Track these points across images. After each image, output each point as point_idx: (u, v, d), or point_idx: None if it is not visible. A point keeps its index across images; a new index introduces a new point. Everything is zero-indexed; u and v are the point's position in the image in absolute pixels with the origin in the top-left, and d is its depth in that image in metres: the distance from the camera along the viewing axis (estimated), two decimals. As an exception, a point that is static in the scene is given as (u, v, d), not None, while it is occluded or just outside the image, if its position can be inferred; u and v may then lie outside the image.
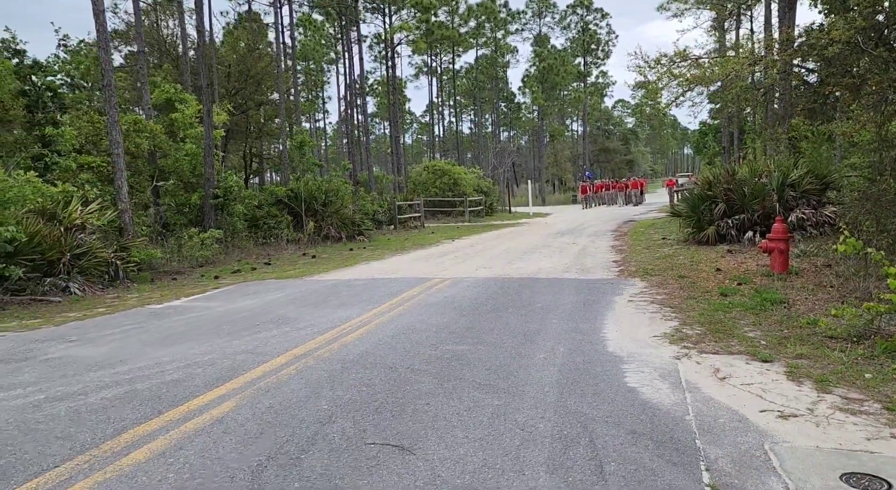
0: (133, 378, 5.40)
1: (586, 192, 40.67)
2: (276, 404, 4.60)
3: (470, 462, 3.56)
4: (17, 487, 3.43)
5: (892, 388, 4.50)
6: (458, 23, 47.16)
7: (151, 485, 3.41)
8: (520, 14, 58.35)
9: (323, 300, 8.97)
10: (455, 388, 4.88)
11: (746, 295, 7.90)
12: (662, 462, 3.50)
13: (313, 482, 3.38)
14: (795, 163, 12.99)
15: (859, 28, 7.30)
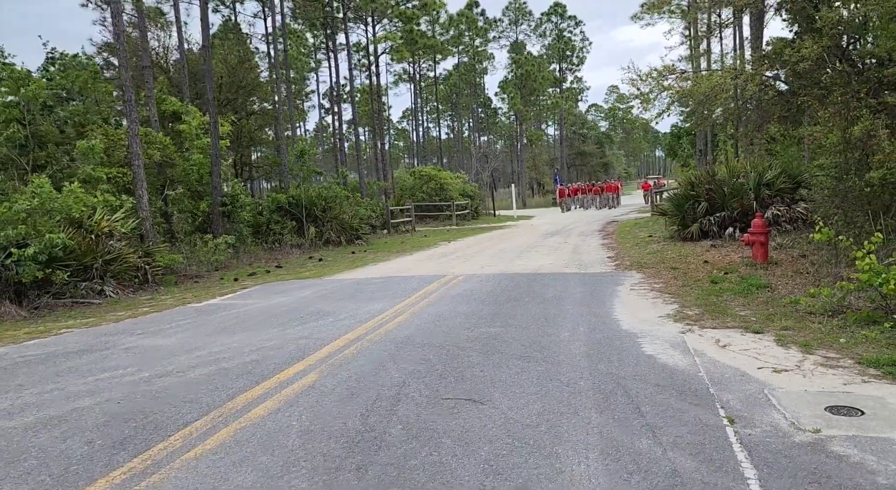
0: (216, 359, 6.19)
1: (563, 196, 40.96)
2: (352, 375, 5.44)
3: (532, 408, 4.44)
4: (175, 433, 4.24)
5: (862, 349, 5.49)
6: (438, 32, 48.22)
7: (282, 429, 4.24)
8: (497, 22, 59.65)
9: (351, 296, 9.81)
10: (500, 360, 5.76)
11: (734, 282, 8.93)
12: (686, 404, 4.43)
13: (411, 424, 4.24)
14: (770, 164, 14.17)
15: (825, 46, 8.37)
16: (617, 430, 4.00)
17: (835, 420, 4.02)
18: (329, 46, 40.22)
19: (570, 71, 68.05)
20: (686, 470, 3.40)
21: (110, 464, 3.83)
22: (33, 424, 4.60)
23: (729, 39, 27.29)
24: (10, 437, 4.39)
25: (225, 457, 3.84)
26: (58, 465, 3.87)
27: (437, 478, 3.43)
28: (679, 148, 50.15)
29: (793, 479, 3.24)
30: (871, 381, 4.74)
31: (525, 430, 4.06)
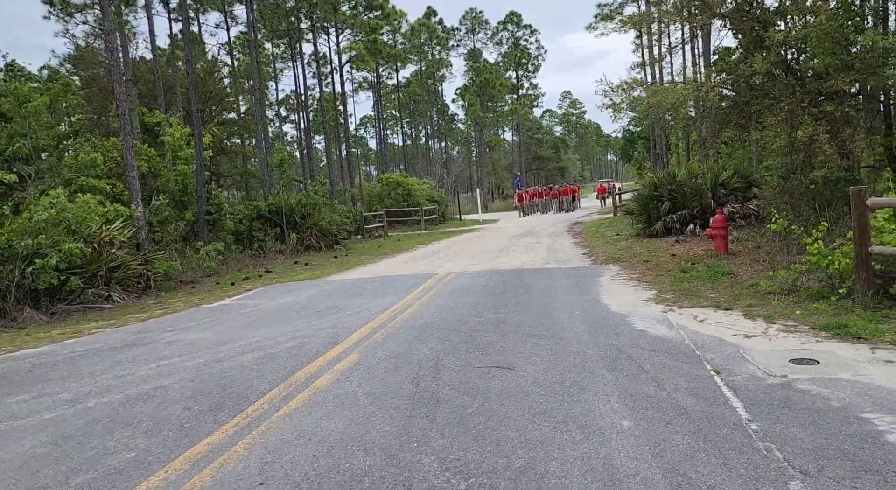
0: (259, 347, 6.93)
1: (522, 200, 40.65)
2: (389, 354, 6.27)
3: (554, 371, 5.36)
4: (258, 399, 5.01)
5: (814, 318, 6.59)
6: (400, 41, 49.16)
7: (348, 395, 5.05)
8: (454, 31, 60.93)
9: (356, 293, 10.59)
10: (513, 338, 6.67)
11: (701, 271, 10.06)
12: (678, 362, 5.42)
13: (456, 386, 5.10)
14: (724, 166, 15.52)
15: (774, 62, 9.58)
16: (627, 382, 4.95)
17: (797, 368, 5.05)
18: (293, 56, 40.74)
19: (526, 78, 69.88)
20: (688, 405, 4.36)
21: (217, 421, 4.60)
22: (126, 400, 5.30)
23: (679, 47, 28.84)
24: (113, 407, 5.09)
25: (312, 413, 4.64)
26: (170, 424, 4.61)
27: (494, 418, 4.31)
28: (634, 151, 52.21)
29: (769, 407, 4.23)
30: (823, 340, 5.82)
31: (553, 385, 4.97)
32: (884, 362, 5.01)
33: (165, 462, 3.93)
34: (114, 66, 13.17)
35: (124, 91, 13.53)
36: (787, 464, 3.36)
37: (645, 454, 3.60)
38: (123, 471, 3.85)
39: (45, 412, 5.12)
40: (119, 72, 13.30)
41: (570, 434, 3.96)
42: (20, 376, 6.45)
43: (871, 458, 3.38)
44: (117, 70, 13.34)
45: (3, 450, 4.35)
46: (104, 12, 13.17)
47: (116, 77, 13.25)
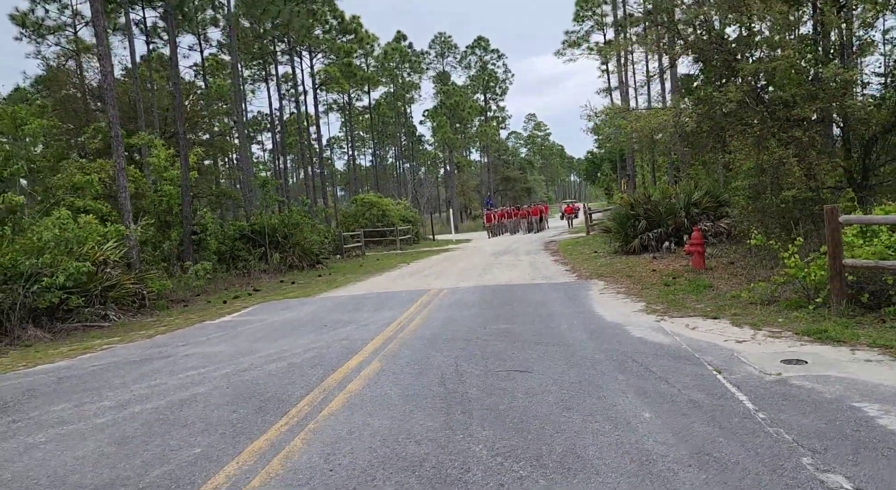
0: (280, 358, 7.25)
1: (491, 221, 40.12)
2: (409, 361, 6.66)
3: (570, 374, 5.83)
4: (299, 401, 5.36)
5: (795, 325, 7.21)
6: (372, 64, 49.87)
7: (383, 397, 5.42)
8: (424, 54, 62.00)
9: (356, 308, 10.94)
10: (522, 346, 7.13)
11: (683, 284, 10.71)
12: (681, 364, 5.95)
13: (482, 387, 5.53)
14: (695, 186, 16.37)
15: (746, 91, 10.38)
16: (639, 381, 5.45)
17: (789, 367, 5.62)
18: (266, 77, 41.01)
19: (494, 101, 71.31)
20: (699, 399, 4.87)
21: (265, 422, 4.93)
22: (170, 405, 5.58)
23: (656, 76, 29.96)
24: (160, 412, 5.38)
25: (355, 412, 5.02)
26: (223, 425, 4.93)
27: (526, 413, 4.75)
28: (599, 173, 53.63)
29: (771, 399, 4.77)
30: (807, 344, 6.43)
31: (572, 385, 5.44)
32: (864, 361, 5.62)
33: (233, 455, 4.26)
34: (105, 90, 13.35)
35: (117, 114, 13.70)
36: (796, 444, 3.87)
37: (670, 439, 4.08)
38: (196, 463, 4.17)
39: (95, 418, 5.37)
40: (112, 95, 13.47)
41: (598, 424, 4.43)
42: (51, 388, 6.65)
43: (866, 438, 3.92)
44: (110, 93, 13.51)
45: (73, 449, 4.62)
46: (98, 36, 13.36)
47: (111, 100, 13.42)
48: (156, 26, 34.07)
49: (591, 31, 41.53)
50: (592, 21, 40.64)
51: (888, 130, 11.05)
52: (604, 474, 3.60)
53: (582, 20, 41.23)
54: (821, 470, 3.48)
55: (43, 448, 4.72)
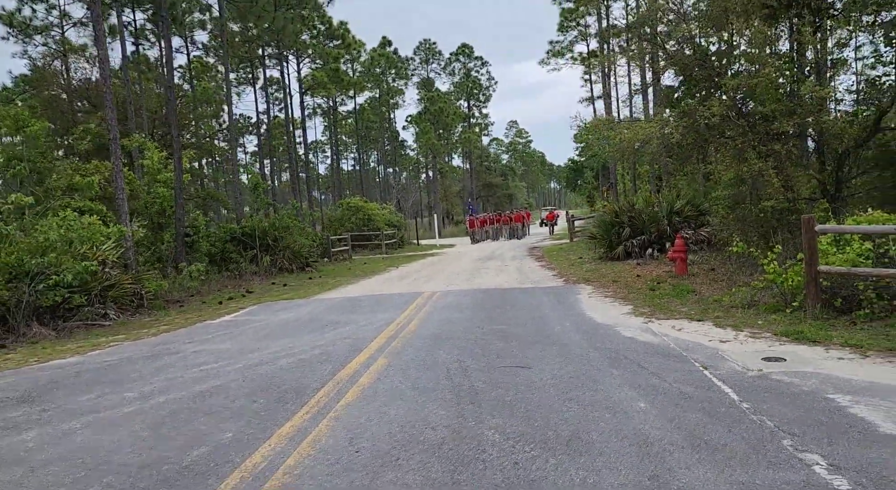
0: (289, 354, 7.57)
1: (473, 227, 39.43)
2: (414, 358, 7.03)
3: (567, 369, 6.24)
4: (316, 393, 5.70)
5: (774, 327, 7.71)
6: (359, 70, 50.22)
7: (395, 389, 5.78)
8: (409, 60, 62.45)
9: (353, 309, 11.28)
10: (519, 344, 7.54)
11: (667, 289, 11.21)
12: (670, 361, 6.40)
13: (488, 381, 5.92)
14: (677, 195, 16.96)
15: (728, 105, 10.94)
16: (633, 376, 5.88)
17: (769, 364, 6.10)
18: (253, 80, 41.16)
19: (477, 107, 71.97)
20: (689, 391, 5.32)
21: (287, 411, 5.28)
22: (193, 396, 5.89)
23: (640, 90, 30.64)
24: (184, 402, 5.69)
25: (370, 403, 5.38)
26: (247, 413, 5.26)
27: (531, 404, 5.15)
28: (581, 181, 54.44)
29: (754, 391, 5.23)
30: (785, 344, 6.92)
31: (570, 379, 5.86)
32: (837, 359, 6.12)
33: (264, 439, 4.61)
34: (105, 94, 13.56)
35: (115, 117, 13.90)
36: (777, 429, 4.32)
37: (665, 425, 4.51)
38: (231, 445, 4.52)
39: (122, 407, 5.67)
40: (110, 98, 13.67)
41: (599, 413, 4.85)
42: (70, 381, 6.92)
43: (839, 424, 4.38)
44: (108, 96, 13.72)
45: (109, 434, 4.93)
46: (98, 41, 13.57)
47: (110, 104, 13.62)
48: (143, 28, 34.14)
49: (575, 42, 42.32)
50: (577, 32, 41.42)
51: (860, 145, 11.69)
52: (607, 455, 4.02)
53: (566, 30, 42.00)
54: (799, 450, 3.92)
55: (80, 433, 5.02)
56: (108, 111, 13.72)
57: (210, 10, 34.42)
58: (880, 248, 7.78)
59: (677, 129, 11.31)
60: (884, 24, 10.52)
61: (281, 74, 33.71)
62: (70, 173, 14.70)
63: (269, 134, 37.24)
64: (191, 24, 35.87)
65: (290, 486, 3.77)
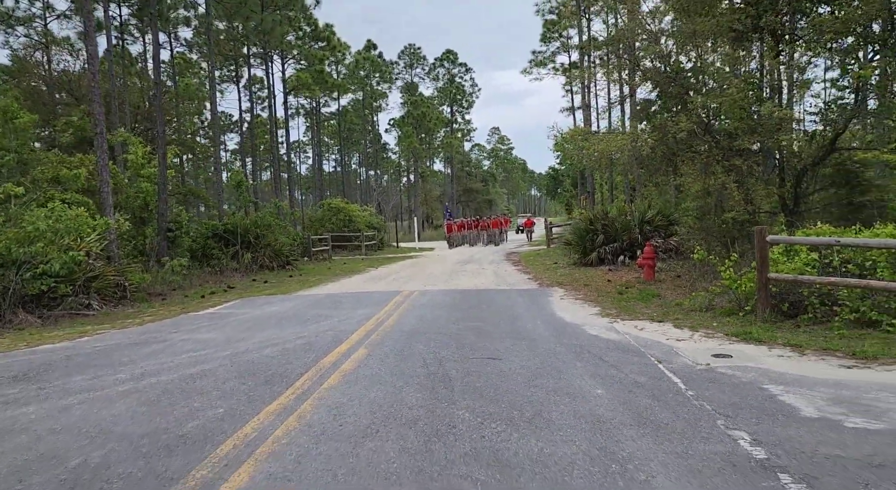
0: (273, 344, 7.98)
1: (451, 231, 38.93)
2: (392, 349, 7.49)
3: (535, 361, 6.75)
4: (300, 377, 6.14)
5: (727, 328, 8.31)
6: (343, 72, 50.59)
7: (374, 375, 6.24)
8: (393, 64, 62.94)
9: (334, 305, 11.69)
10: (491, 339, 8.04)
11: (634, 293, 11.80)
12: (629, 355, 6.94)
13: (461, 370, 6.40)
14: (649, 205, 17.65)
15: (695, 122, 11.58)
16: (593, 367, 6.41)
17: (717, 360, 6.67)
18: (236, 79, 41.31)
19: (460, 113, 72.70)
20: (642, 381, 5.86)
21: (274, 392, 5.71)
22: (184, 378, 6.29)
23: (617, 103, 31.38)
24: (176, 383, 6.09)
25: (352, 386, 5.83)
26: (237, 394, 5.68)
27: (499, 389, 5.64)
28: (560, 189, 55.32)
29: (700, 382, 5.78)
30: (735, 343, 7.51)
31: (537, 369, 6.37)
32: (777, 356, 6.71)
33: (253, 415, 5.04)
34: (93, 88, 13.81)
35: (103, 112, 14.15)
36: (714, 411, 4.87)
37: (617, 408, 5.04)
38: (223, 419, 4.94)
39: (116, 386, 6.06)
40: (98, 94, 13.93)
41: (559, 397, 5.36)
42: (62, 364, 7.26)
43: (767, 407, 4.94)
44: (96, 91, 13.97)
45: (107, 409, 5.32)
46: (88, 36, 13.84)
47: (97, 99, 13.88)
48: (127, 23, 34.18)
49: (557, 53, 43.15)
50: (559, 43, 42.26)
51: (816, 163, 12.42)
52: (564, 430, 4.52)
53: (549, 41, 42.81)
54: (730, 428, 4.47)
55: (79, 408, 5.41)
56: (95, 106, 13.97)
57: (196, 7, 34.69)
58: (826, 258, 8.43)
59: (647, 143, 11.94)
60: (839, 51, 11.25)
61: (266, 74, 34.04)
62: (55, 166, 14.90)
63: (253, 133, 37.43)
64: (175, 21, 36.02)
65: (278, 452, 4.22)
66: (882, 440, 4.15)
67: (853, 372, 5.98)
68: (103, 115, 14.23)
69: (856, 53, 11.99)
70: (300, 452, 4.20)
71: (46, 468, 4.06)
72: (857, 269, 8.01)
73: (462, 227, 40.20)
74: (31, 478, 3.92)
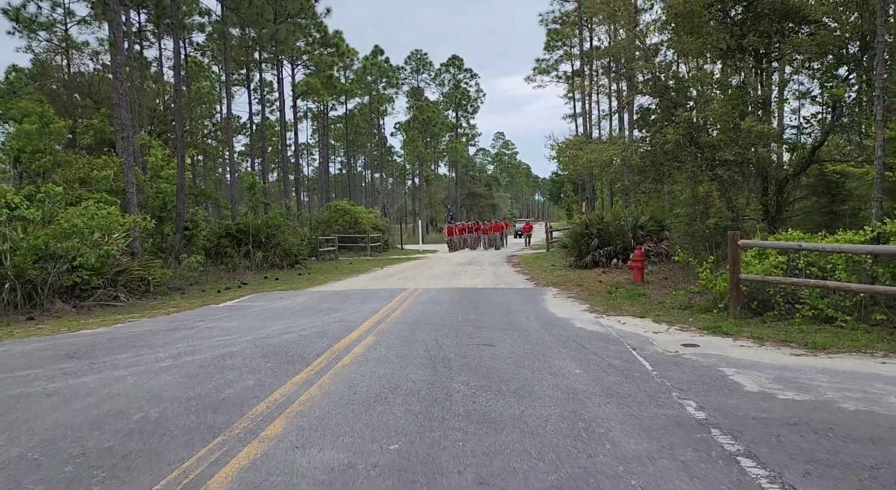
0: (289, 331, 8.87)
1: (451, 234, 38.83)
2: (398, 337, 8.37)
3: (525, 347, 7.62)
4: (316, 358, 7.02)
5: (701, 323, 9.16)
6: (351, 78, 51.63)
7: (382, 357, 7.12)
8: (400, 69, 63.97)
9: (343, 300, 12.58)
10: (488, 330, 8.91)
11: (622, 293, 12.67)
12: (609, 344, 7.81)
13: (459, 354, 7.27)
14: (642, 210, 18.52)
15: (682, 134, 12.45)
16: (575, 353, 7.28)
17: (685, 348, 7.53)
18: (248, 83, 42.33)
19: (465, 118, 73.72)
20: (617, 364, 6.72)
21: (295, 369, 6.59)
22: (216, 357, 7.19)
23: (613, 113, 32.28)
24: (210, 361, 6.98)
25: (363, 366, 6.71)
26: (263, 369, 6.57)
27: (491, 368, 6.51)
28: (563, 193, 56.19)
29: (666, 365, 6.64)
30: (705, 335, 8.37)
31: (526, 354, 7.24)
32: (739, 346, 7.57)
33: (279, 386, 5.93)
34: (120, 95, 14.74)
35: (129, 117, 15.09)
36: (671, 387, 5.73)
37: (591, 383, 5.90)
38: (254, 389, 5.83)
39: (158, 363, 6.96)
40: (126, 101, 14.86)
41: (543, 375, 6.23)
42: (105, 345, 8.16)
43: (717, 384, 5.80)
44: (124, 98, 14.91)
45: (154, 380, 6.21)
46: (118, 47, 14.79)
47: (124, 104, 14.82)
48: (143, 29, 35.24)
49: (561, 61, 44.09)
50: (562, 51, 43.18)
51: (797, 174, 13.28)
52: (543, 399, 5.39)
53: (552, 49, 43.76)
54: (682, 398, 5.33)
55: (130, 378, 6.30)
56: (122, 111, 14.92)
57: (209, 14, 35.77)
58: (794, 261, 9.29)
59: (636, 153, 12.83)
60: (817, 70, 12.12)
61: (278, 80, 35.01)
62: (83, 167, 15.84)
63: (263, 135, 38.44)
64: (190, 27, 37.08)
65: (304, 412, 5.10)
66: (803, 407, 5.01)
67: (800, 359, 6.84)
68: (129, 121, 15.16)
69: (834, 72, 12.85)
70: (322, 412, 5.08)
71: (115, 421, 4.95)
72: (819, 271, 8.86)
73: (463, 231, 40.18)
74: (105, 427, 4.81)
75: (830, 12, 11.51)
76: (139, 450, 4.28)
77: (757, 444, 4.18)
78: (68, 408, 5.33)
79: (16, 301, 11.04)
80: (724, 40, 12.47)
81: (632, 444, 4.24)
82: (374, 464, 3.95)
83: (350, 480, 3.69)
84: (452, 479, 3.71)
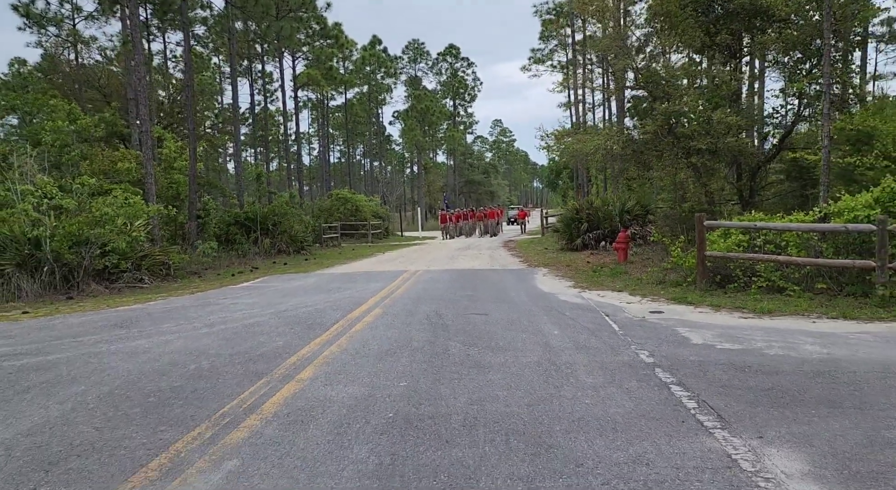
0: (305, 306, 10.02)
1: (446, 222, 38.75)
2: (403, 309, 9.52)
3: (513, 315, 8.76)
4: (332, 325, 8.17)
5: (671, 295, 10.31)
6: (350, 68, 52.54)
7: (390, 324, 8.27)
8: (398, 59, 64.77)
9: (350, 281, 13.73)
10: (482, 303, 10.06)
11: (606, 272, 13.82)
12: (586, 312, 8.97)
13: (457, 321, 8.42)
14: (629, 196, 19.64)
15: (660, 125, 13.55)
16: (556, 319, 8.44)
17: (651, 315, 8.68)
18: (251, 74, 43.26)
19: (462, 106, 74.60)
20: (589, 326, 7.88)
21: (316, 333, 7.74)
22: (246, 325, 8.33)
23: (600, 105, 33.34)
24: (241, 327, 8.13)
25: (373, 330, 7.86)
26: (290, 333, 7.72)
27: (484, 331, 7.66)
28: (560, 180, 57.28)
29: (631, 327, 7.79)
30: (672, 305, 9.52)
31: (514, 320, 8.40)
32: (698, 312, 8.74)
33: (304, 345, 7.08)
34: (139, 92, 15.78)
35: (147, 112, 16.14)
36: (631, 342, 6.89)
37: (566, 340, 7.06)
38: (284, 347, 6.98)
39: (197, 330, 8.11)
40: (145, 98, 15.90)
41: (527, 335, 7.39)
42: (146, 318, 9.31)
43: (670, 339, 6.96)
44: (143, 94, 15.95)
45: (197, 342, 7.36)
46: (135, 46, 15.81)
47: (143, 101, 15.86)
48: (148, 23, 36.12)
49: (555, 51, 45.00)
50: (556, 41, 44.08)
51: (768, 160, 14.38)
52: (524, 351, 6.55)
53: (547, 39, 44.66)
54: (637, 350, 6.49)
55: (177, 342, 7.45)
56: (141, 108, 15.97)
57: (211, 7, 36.65)
58: (754, 239, 10.43)
59: (617, 143, 13.94)
60: (785, 65, 13.20)
61: (280, 72, 35.99)
62: (106, 160, 16.92)
63: (266, 125, 39.45)
64: (193, 20, 37.96)
65: (328, 362, 6.25)
66: (734, 353, 6.18)
67: (746, 321, 8.01)
68: (148, 116, 16.23)
69: (801, 66, 13.92)
70: (343, 363, 6.24)
71: (176, 370, 6.10)
72: (774, 248, 10.01)
73: (458, 218, 40.16)
74: (170, 373, 5.96)
75: (794, 11, 12.57)
76: (203, 388, 5.43)
77: (687, 377, 5.34)
78: (134, 361, 6.49)
79: (55, 283, 12.18)
80: (699, 38, 13.53)
81: (590, 380, 5.40)
82: (388, 394, 5.10)
83: (371, 403, 4.85)
84: (450, 401, 4.87)
